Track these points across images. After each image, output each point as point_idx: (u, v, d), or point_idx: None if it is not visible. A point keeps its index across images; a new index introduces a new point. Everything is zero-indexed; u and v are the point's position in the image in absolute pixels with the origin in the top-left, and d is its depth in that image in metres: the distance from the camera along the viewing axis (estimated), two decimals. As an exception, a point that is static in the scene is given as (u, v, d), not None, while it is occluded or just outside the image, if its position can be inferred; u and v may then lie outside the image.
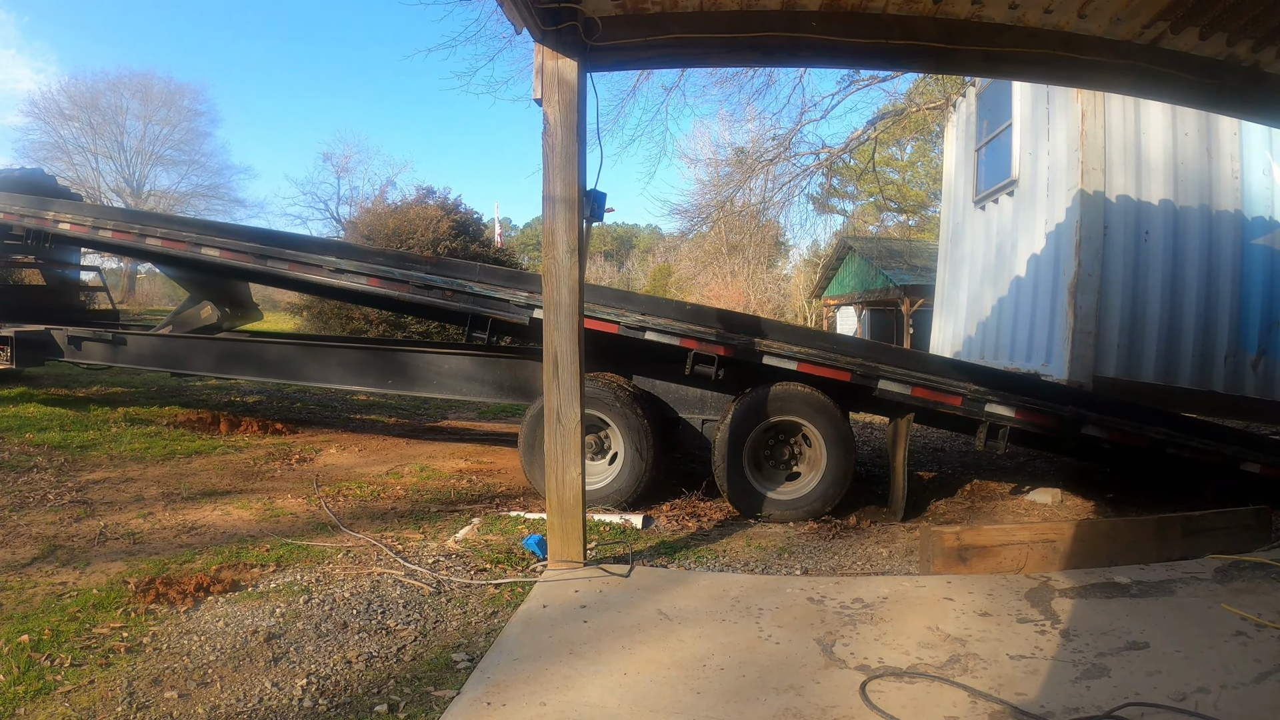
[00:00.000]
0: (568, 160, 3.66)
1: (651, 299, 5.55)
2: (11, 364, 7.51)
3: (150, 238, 6.70)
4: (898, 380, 4.97)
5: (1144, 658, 2.86)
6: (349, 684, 2.74)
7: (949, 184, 10.74)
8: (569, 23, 3.56)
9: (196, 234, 6.50)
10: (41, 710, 2.48)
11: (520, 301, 5.32)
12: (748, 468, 5.14)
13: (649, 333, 5.07)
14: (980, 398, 4.98)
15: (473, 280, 5.47)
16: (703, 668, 2.77)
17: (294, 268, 6.03)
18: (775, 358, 5.00)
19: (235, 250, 6.27)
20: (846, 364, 5.00)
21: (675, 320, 5.13)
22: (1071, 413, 5.02)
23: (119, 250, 8.43)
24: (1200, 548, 4.11)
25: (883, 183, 26.75)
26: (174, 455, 6.23)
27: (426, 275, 5.58)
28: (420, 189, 19.81)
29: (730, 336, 5.03)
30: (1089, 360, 6.64)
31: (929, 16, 3.92)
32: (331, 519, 4.73)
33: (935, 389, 4.98)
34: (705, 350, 5.04)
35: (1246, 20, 3.76)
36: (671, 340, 5.06)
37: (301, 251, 6.04)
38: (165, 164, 40.90)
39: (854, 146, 17.25)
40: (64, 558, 3.89)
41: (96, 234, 7.11)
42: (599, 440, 5.34)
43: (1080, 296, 6.67)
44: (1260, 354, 6.66)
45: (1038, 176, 7.67)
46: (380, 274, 5.70)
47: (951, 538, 3.92)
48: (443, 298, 5.55)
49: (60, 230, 7.29)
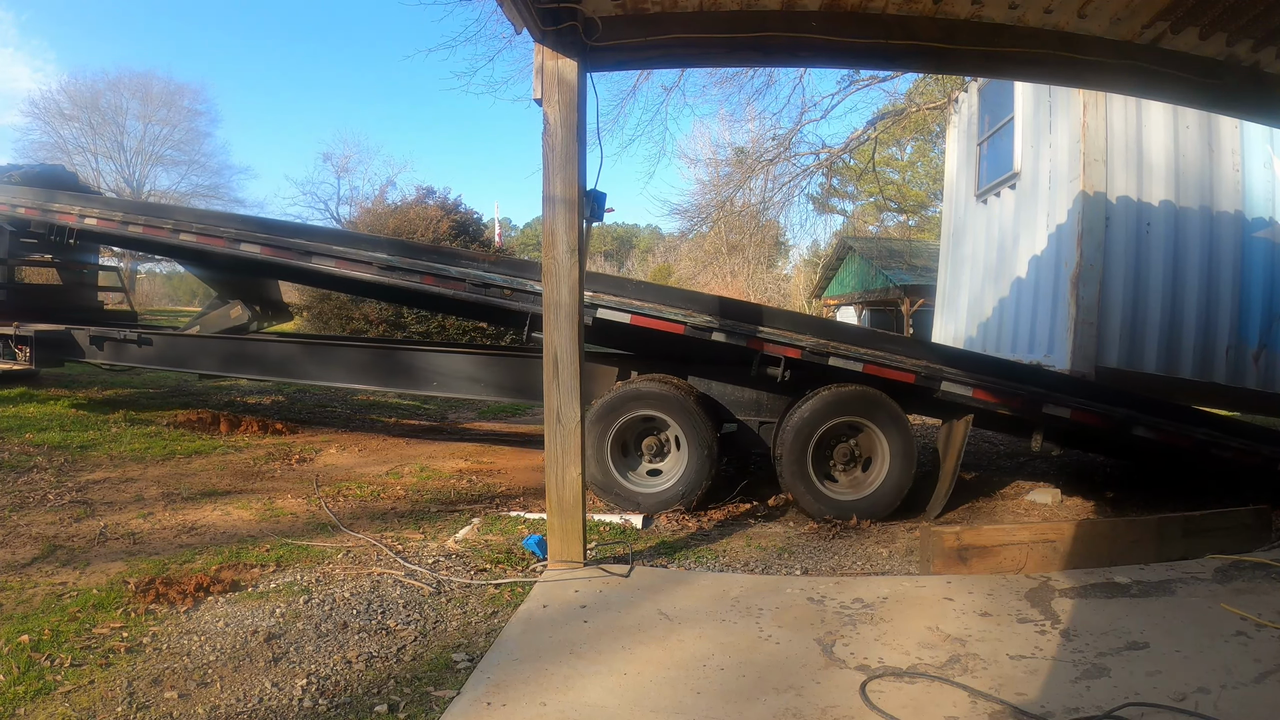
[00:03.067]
0: (568, 160, 3.66)
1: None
2: (31, 364, 7.32)
3: (184, 233, 6.43)
4: (959, 382, 4.98)
5: (1144, 658, 2.86)
6: (349, 684, 2.74)
7: (950, 182, 10.74)
8: (569, 23, 3.56)
9: (236, 229, 6.25)
10: (41, 710, 2.48)
11: (585, 301, 5.18)
12: (813, 470, 5.10)
13: (716, 334, 4.99)
14: (1038, 399, 5.01)
15: (534, 279, 5.26)
16: (703, 668, 2.77)
17: (341, 265, 5.78)
18: (842, 359, 4.97)
19: (278, 246, 6.01)
20: (911, 366, 4.99)
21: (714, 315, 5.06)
22: (1124, 415, 5.06)
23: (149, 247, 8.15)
24: (1200, 548, 4.11)
25: (883, 183, 26.73)
26: (174, 455, 6.23)
27: (484, 274, 5.40)
28: (420, 189, 19.81)
29: (798, 339, 4.99)
30: (1091, 351, 6.68)
31: (929, 16, 3.91)
32: (331, 519, 4.73)
33: (996, 391, 5.00)
34: (773, 352, 5.00)
35: (1246, 20, 3.76)
36: (738, 341, 5.00)
37: (350, 248, 5.81)
38: (165, 164, 40.95)
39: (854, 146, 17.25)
40: (64, 558, 3.89)
41: (126, 229, 6.85)
42: (659, 442, 5.29)
43: (1082, 287, 6.70)
44: (1261, 347, 6.70)
45: (1040, 170, 7.71)
46: (435, 272, 5.49)
47: (951, 538, 3.92)
48: (502, 297, 5.38)
49: (87, 226, 7.05)
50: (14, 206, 7.57)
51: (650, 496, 5.13)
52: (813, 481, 5.07)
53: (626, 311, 5.04)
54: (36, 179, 8.29)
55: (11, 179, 8.09)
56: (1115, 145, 6.81)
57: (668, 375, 5.34)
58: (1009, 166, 8.30)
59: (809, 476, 5.06)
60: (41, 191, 7.63)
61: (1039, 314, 7.57)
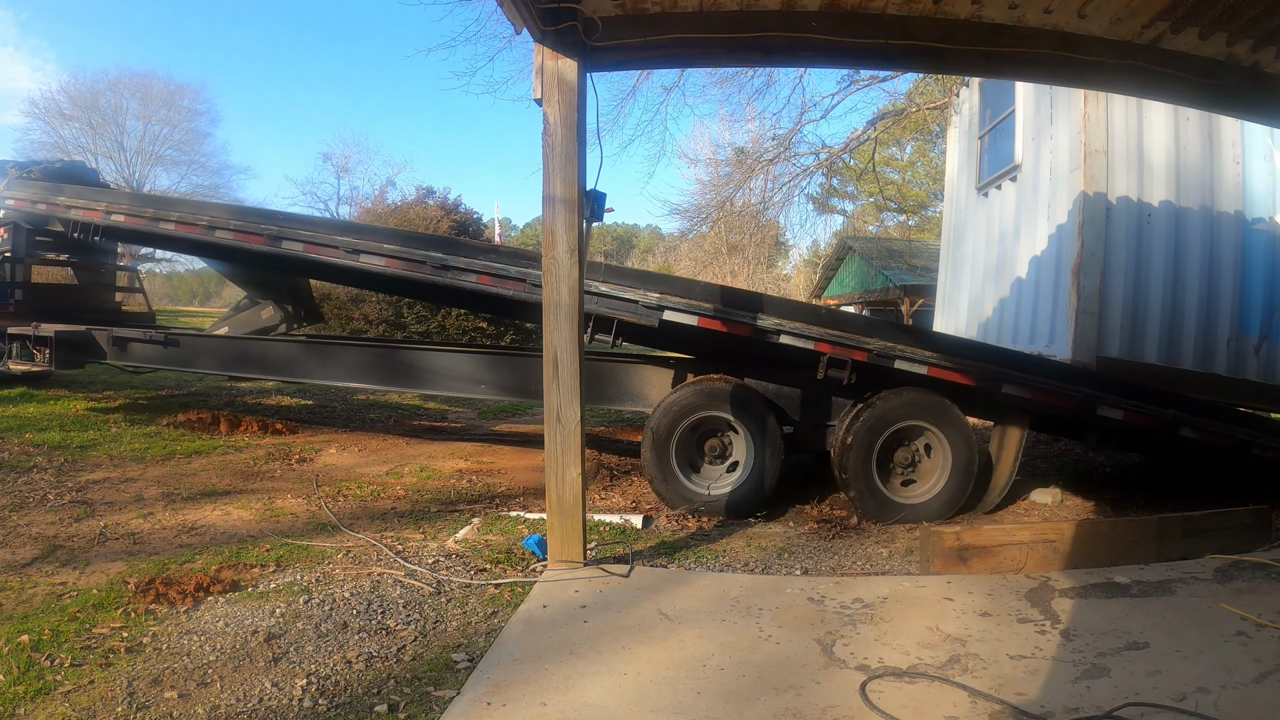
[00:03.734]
0: (568, 160, 3.66)
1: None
2: (50, 366, 7.10)
3: (220, 230, 6.18)
4: (1019, 384, 5.02)
5: (1144, 658, 2.86)
6: (349, 684, 2.74)
7: (951, 182, 10.77)
8: (569, 23, 3.56)
9: (277, 226, 6.04)
10: (41, 710, 2.48)
11: (650, 302, 5.02)
12: (876, 473, 5.10)
13: (784, 336, 4.96)
14: (1093, 401, 5.06)
15: (597, 279, 5.15)
16: (703, 668, 2.77)
17: (392, 264, 5.59)
18: (907, 362, 4.97)
19: (323, 244, 5.78)
20: (971, 368, 5.02)
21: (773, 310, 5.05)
22: (1172, 416, 5.11)
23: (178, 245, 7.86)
24: (1200, 548, 4.11)
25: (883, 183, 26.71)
26: (174, 455, 6.23)
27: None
28: (420, 189, 19.84)
29: (866, 341, 4.98)
30: (1092, 340, 6.71)
31: (929, 16, 3.91)
32: (331, 519, 4.73)
33: (1052, 392, 5.04)
34: (841, 354, 4.97)
35: (1246, 20, 3.76)
36: (805, 344, 4.96)
37: (402, 246, 5.62)
38: (165, 164, 40.88)
39: (854, 146, 17.24)
40: (64, 558, 3.89)
41: (157, 226, 6.56)
42: (721, 444, 5.28)
43: (1083, 277, 6.73)
44: (1262, 338, 6.74)
45: (1041, 162, 7.75)
46: (493, 272, 5.33)
47: (951, 538, 3.92)
48: None
49: (114, 223, 6.80)
50: (34, 203, 7.38)
51: (714, 499, 5.12)
52: (876, 484, 5.09)
53: (694, 314, 4.99)
54: (57, 175, 8.08)
55: (31, 175, 7.91)
56: (1116, 137, 6.85)
57: (726, 376, 5.28)
58: (1010, 159, 8.34)
59: (873, 479, 5.07)
60: (65, 187, 7.42)
61: (1040, 305, 7.61)
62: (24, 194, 7.51)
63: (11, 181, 7.72)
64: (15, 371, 7.57)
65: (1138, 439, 5.57)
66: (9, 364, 7.52)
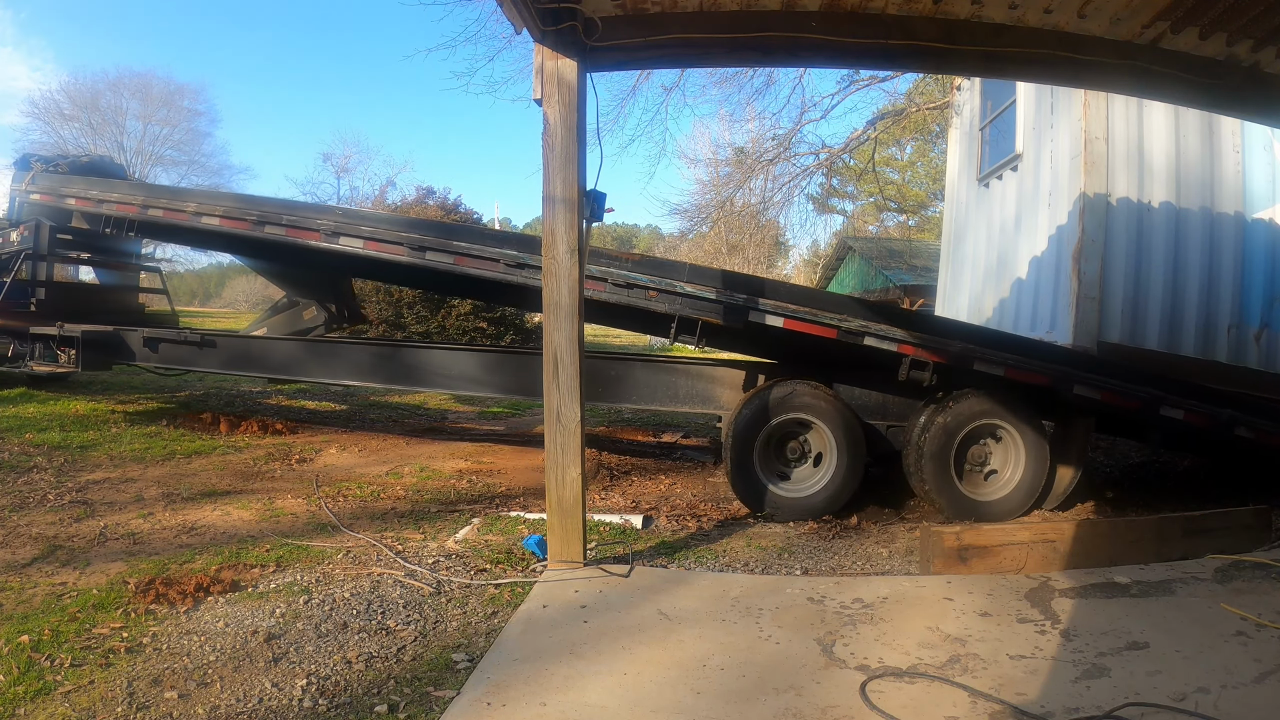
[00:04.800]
0: (568, 160, 3.66)
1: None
2: (76, 367, 6.86)
3: (271, 225, 5.88)
4: (1090, 385, 5.05)
5: (1144, 658, 2.86)
6: (349, 684, 2.74)
7: (952, 176, 10.83)
8: (569, 23, 3.56)
9: (334, 221, 5.78)
10: (41, 710, 2.48)
11: (736, 303, 5.00)
12: (954, 474, 5.12)
13: (868, 338, 4.96)
14: (1156, 401, 5.11)
15: (681, 280, 5.10)
16: (703, 668, 2.77)
17: (462, 261, 5.39)
18: (986, 364, 4.99)
19: (385, 241, 5.57)
20: (1046, 369, 5.05)
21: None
22: (1229, 415, 5.17)
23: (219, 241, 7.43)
24: (1200, 548, 4.11)
25: (883, 183, 26.71)
26: (174, 455, 6.23)
27: (628, 273, 5.13)
28: (420, 189, 19.83)
29: (946, 343, 5.01)
30: (1093, 326, 6.78)
31: (929, 16, 3.92)
32: (331, 519, 4.73)
33: (1120, 393, 5.09)
34: (922, 356, 4.99)
35: (1246, 20, 3.76)
36: (889, 346, 4.97)
37: (473, 243, 5.42)
38: (165, 164, 40.80)
39: (854, 146, 17.22)
40: (64, 558, 3.89)
41: (199, 221, 6.25)
42: (801, 446, 5.27)
43: (1084, 263, 6.81)
44: (1263, 327, 6.78)
45: (1042, 150, 7.81)
46: None
47: (951, 538, 3.92)
48: (645, 298, 5.13)
49: (151, 218, 6.49)
50: (62, 197, 7.11)
51: (796, 502, 5.12)
52: (954, 484, 5.11)
53: (780, 315, 4.97)
54: (85, 170, 7.81)
55: (59, 169, 7.67)
56: (1116, 128, 6.93)
57: (803, 379, 5.27)
58: (1011, 149, 8.41)
59: (951, 479, 5.10)
60: (96, 180, 7.16)
61: (1041, 291, 7.67)
62: (51, 188, 7.24)
63: (37, 175, 7.47)
64: (39, 373, 7.30)
65: (1192, 439, 5.65)
66: (32, 365, 7.27)
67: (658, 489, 5.87)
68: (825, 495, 5.11)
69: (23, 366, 7.35)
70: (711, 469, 6.68)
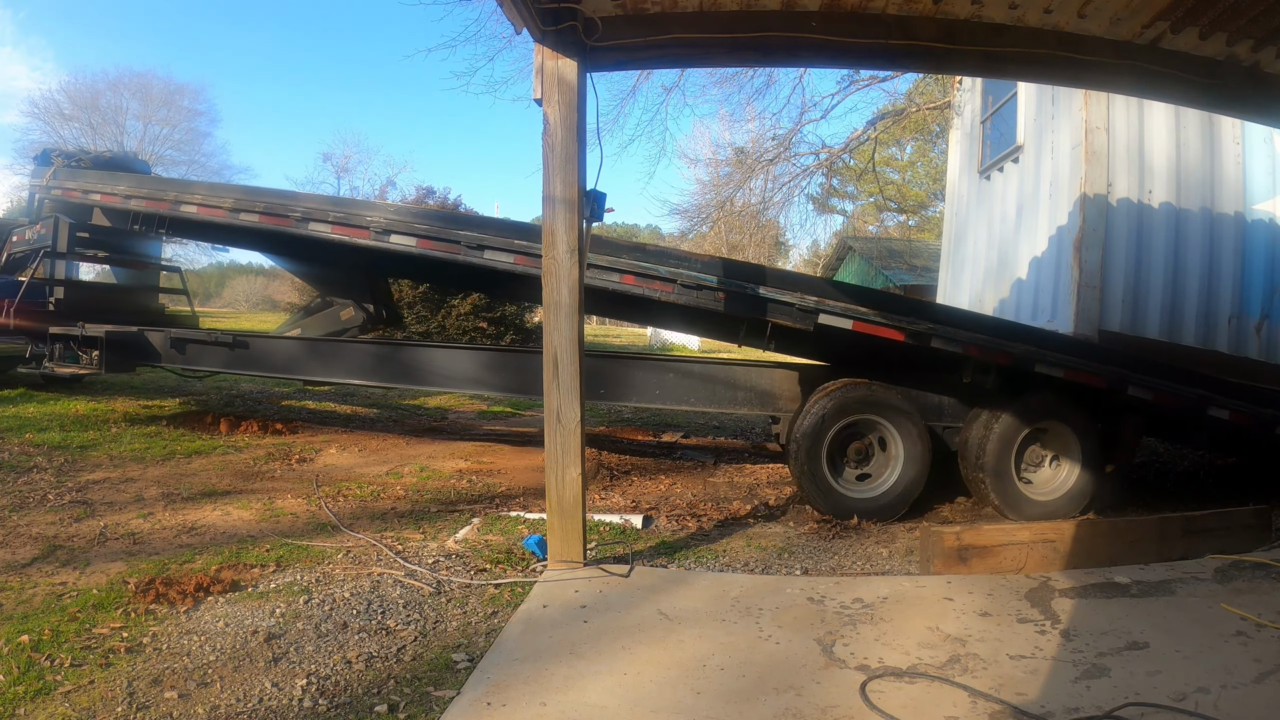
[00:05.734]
0: (568, 160, 3.66)
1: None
2: (100, 369, 6.63)
3: (316, 222, 5.62)
4: (1144, 387, 5.11)
5: (1144, 658, 2.86)
6: (349, 684, 2.74)
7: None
8: (569, 23, 3.56)
9: (386, 218, 5.57)
10: (41, 710, 2.48)
11: (808, 305, 4.96)
12: (1015, 473, 5.15)
13: (935, 340, 4.97)
14: (1205, 402, 5.18)
15: (754, 282, 5.09)
16: (703, 668, 2.77)
17: (520, 260, 5.22)
18: (1047, 366, 5.03)
19: (441, 239, 5.35)
20: (1102, 371, 5.10)
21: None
22: (1271, 415, 5.24)
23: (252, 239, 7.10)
24: (1200, 548, 4.11)
25: (883, 183, 26.70)
26: (174, 455, 6.22)
27: (698, 274, 5.06)
28: (420, 189, 19.83)
29: (1009, 346, 5.04)
30: (1094, 314, 6.84)
31: (929, 16, 3.92)
32: (331, 519, 4.73)
33: (1171, 394, 5.15)
34: (986, 358, 5.03)
35: (1246, 20, 3.76)
36: (955, 348, 4.99)
37: (534, 242, 5.17)
38: (165, 164, 40.74)
39: (854, 146, 17.22)
40: (64, 558, 3.89)
41: (236, 218, 5.97)
42: (865, 447, 5.29)
43: (1085, 252, 6.87)
44: (1263, 318, 6.82)
45: (1043, 141, 7.87)
46: (641, 271, 5.09)
47: (951, 538, 3.92)
48: (714, 300, 5.07)
49: (183, 214, 6.19)
50: (86, 193, 6.89)
51: (864, 502, 5.15)
52: (1014, 484, 5.15)
53: (849, 318, 4.98)
54: (108, 165, 7.62)
55: (82, 164, 7.47)
56: (1117, 117, 6.98)
57: (858, 379, 5.29)
58: (1012, 140, 8.47)
59: (1011, 479, 5.14)
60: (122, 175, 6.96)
61: (1042, 281, 7.72)
62: (74, 184, 7.02)
63: (59, 171, 7.25)
64: (61, 374, 7.05)
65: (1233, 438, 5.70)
66: (52, 366, 7.02)
67: (658, 489, 5.87)
68: (894, 495, 5.15)
69: (42, 368, 7.13)
70: (711, 469, 6.68)
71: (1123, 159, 6.96)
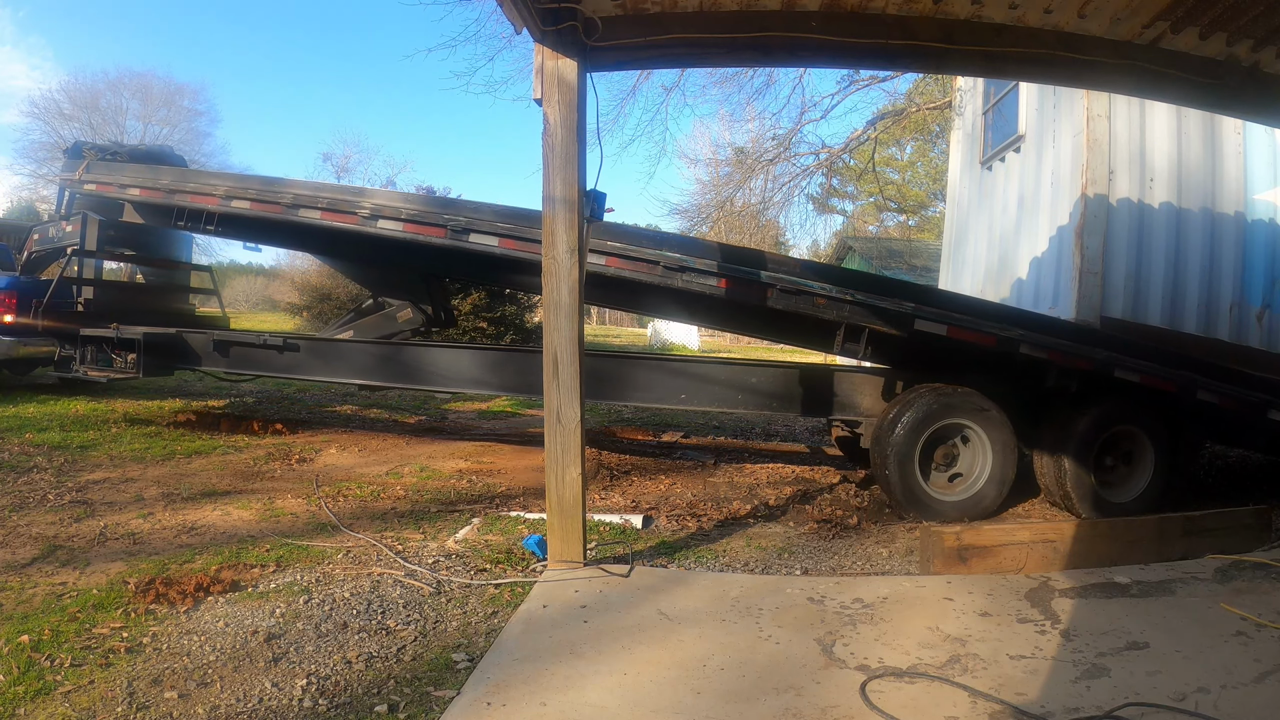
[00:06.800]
0: (568, 160, 3.66)
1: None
2: (137, 372, 6.42)
3: (386, 219, 5.31)
4: (1212, 391, 5.18)
5: (1144, 658, 2.86)
6: (349, 684, 2.74)
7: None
8: (569, 23, 3.56)
9: (468, 216, 5.28)
10: (41, 710, 2.48)
11: (906, 311, 4.98)
12: (1094, 475, 5.20)
13: (1024, 346, 5.01)
14: (1264, 405, 5.26)
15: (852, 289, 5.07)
16: (703, 668, 2.77)
17: (613, 262, 5.02)
18: (1124, 371, 5.08)
19: (523, 239, 5.09)
20: (1174, 376, 5.16)
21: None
22: None
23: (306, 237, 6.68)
24: (1200, 548, 4.11)
25: (883, 183, 26.73)
26: (174, 455, 6.22)
27: (797, 279, 5.01)
28: (420, 189, 19.82)
29: (1092, 351, 5.08)
30: (1095, 301, 6.90)
31: (929, 16, 3.92)
32: (331, 519, 4.73)
33: (1237, 398, 5.22)
34: (1068, 364, 5.06)
35: (1246, 20, 3.76)
36: (1040, 354, 5.03)
37: (625, 243, 5.02)
38: (165, 164, 40.74)
39: (854, 146, 17.22)
40: (64, 558, 3.89)
41: (295, 214, 5.60)
42: (950, 451, 5.31)
43: (1087, 238, 6.92)
44: (1265, 307, 6.86)
45: (1044, 130, 7.92)
46: (737, 275, 4.94)
47: (951, 538, 3.92)
48: (813, 306, 5.00)
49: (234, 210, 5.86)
50: (124, 187, 6.59)
51: (954, 505, 5.17)
52: (1093, 485, 5.19)
53: (944, 323, 5.00)
54: (144, 158, 7.32)
55: (118, 157, 7.19)
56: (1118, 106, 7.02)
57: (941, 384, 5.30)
58: (1014, 130, 8.49)
59: (1090, 481, 5.19)
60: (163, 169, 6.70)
61: (1044, 268, 7.77)
62: (110, 178, 6.70)
63: (92, 164, 6.94)
64: (95, 379, 6.73)
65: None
66: (85, 370, 6.73)
67: (658, 489, 5.87)
68: (985, 494, 5.19)
69: (72, 371, 6.86)
70: (711, 469, 6.68)
71: (1124, 148, 7.02)
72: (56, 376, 7.42)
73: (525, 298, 16.83)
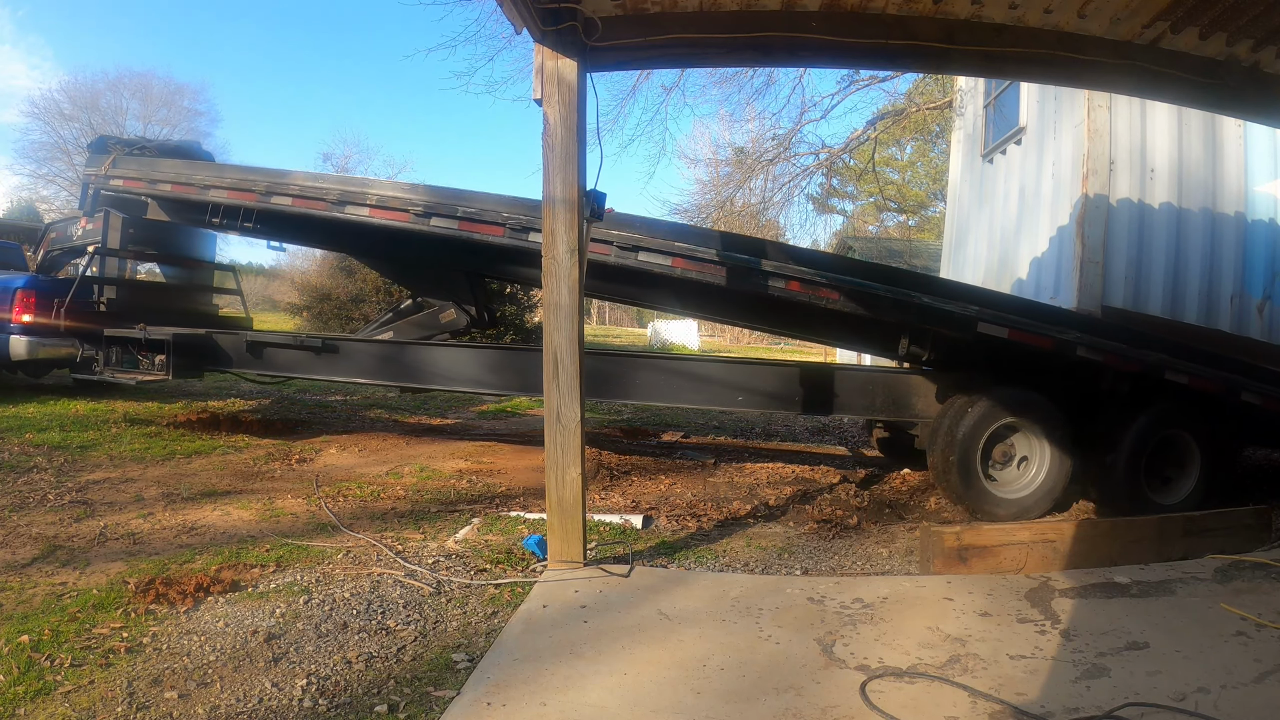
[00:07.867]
0: (568, 160, 3.66)
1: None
2: (167, 374, 6.25)
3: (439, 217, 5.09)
4: (1255, 392, 5.22)
5: (1144, 658, 2.86)
6: (349, 684, 2.74)
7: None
8: (569, 23, 3.56)
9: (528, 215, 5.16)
10: (41, 710, 2.48)
11: (969, 314, 5.02)
12: (1143, 476, 5.25)
13: (1080, 348, 5.04)
14: None
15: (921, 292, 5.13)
16: (703, 668, 2.77)
17: (679, 263, 5.03)
18: (1174, 373, 5.12)
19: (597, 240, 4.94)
20: (1217, 377, 5.21)
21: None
22: None
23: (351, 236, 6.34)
24: (1200, 548, 4.11)
25: (883, 183, 26.71)
26: (174, 455, 6.22)
27: (861, 282, 5.07)
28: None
29: (1145, 355, 5.12)
30: (1096, 290, 6.94)
31: (929, 16, 3.92)
32: (331, 519, 4.73)
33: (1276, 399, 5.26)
34: (1121, 366, 5.11)
35: (1246, 20, 3.77)
36: (1096, 356, 5.07)
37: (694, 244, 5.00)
38: (165, 164, 40.71)
39: (854, 146, 17.22)
40: (64, 558, 3.89)
41: (341, 211, 5.35)
42: (1006, 450, 5.34)
43: (1088, 228, 6.95)
44: (1265, 298, 6.87)
45: (1045, 121, 7.94)
46: (805, 278, 4.97)
47: (951, 538, 3.92)
48: (877, 308, 5.05)
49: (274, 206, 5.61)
50: (154, 183, 6.40)
51: (1013, 503, 5.21)
52: (1142, 488, 5.26)
53: (1005, 325, 5.03)
54: (173, 153, 7.15)
55: (146, 151, 6.99)
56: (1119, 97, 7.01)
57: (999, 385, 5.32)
58: (1015, 122, 8.51)
59: (1140, 484, 5.25)
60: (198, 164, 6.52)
61: (1045, 258, 7.79)
62: (139, 174, 6.50)
63: (119, 159, 6.73)
64: (123, 381, 6.54)
65: None
66: (110, 372, 6.55)
67: (658, 489, 5.87)
68: (1041, 494, 5.23)
69: (95, 373, 6.69)
70: (711, 469, 6.68)
71: (1125, 139, 7.05)
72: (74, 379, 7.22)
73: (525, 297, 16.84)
